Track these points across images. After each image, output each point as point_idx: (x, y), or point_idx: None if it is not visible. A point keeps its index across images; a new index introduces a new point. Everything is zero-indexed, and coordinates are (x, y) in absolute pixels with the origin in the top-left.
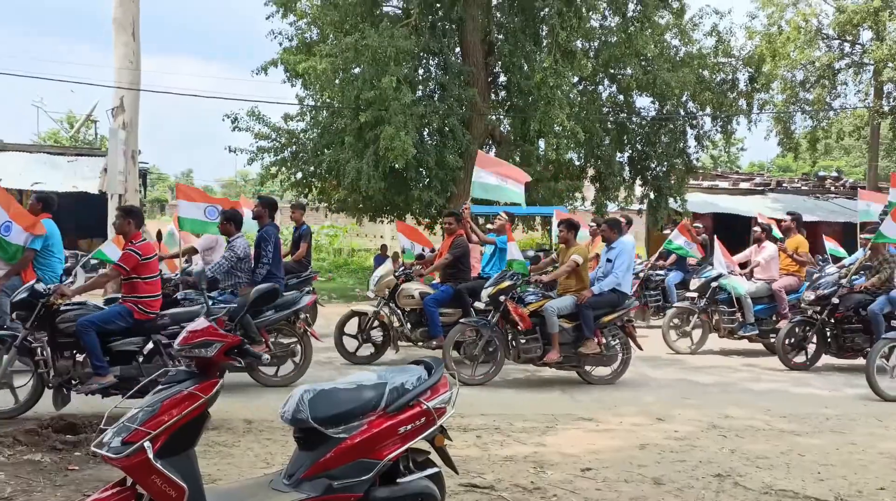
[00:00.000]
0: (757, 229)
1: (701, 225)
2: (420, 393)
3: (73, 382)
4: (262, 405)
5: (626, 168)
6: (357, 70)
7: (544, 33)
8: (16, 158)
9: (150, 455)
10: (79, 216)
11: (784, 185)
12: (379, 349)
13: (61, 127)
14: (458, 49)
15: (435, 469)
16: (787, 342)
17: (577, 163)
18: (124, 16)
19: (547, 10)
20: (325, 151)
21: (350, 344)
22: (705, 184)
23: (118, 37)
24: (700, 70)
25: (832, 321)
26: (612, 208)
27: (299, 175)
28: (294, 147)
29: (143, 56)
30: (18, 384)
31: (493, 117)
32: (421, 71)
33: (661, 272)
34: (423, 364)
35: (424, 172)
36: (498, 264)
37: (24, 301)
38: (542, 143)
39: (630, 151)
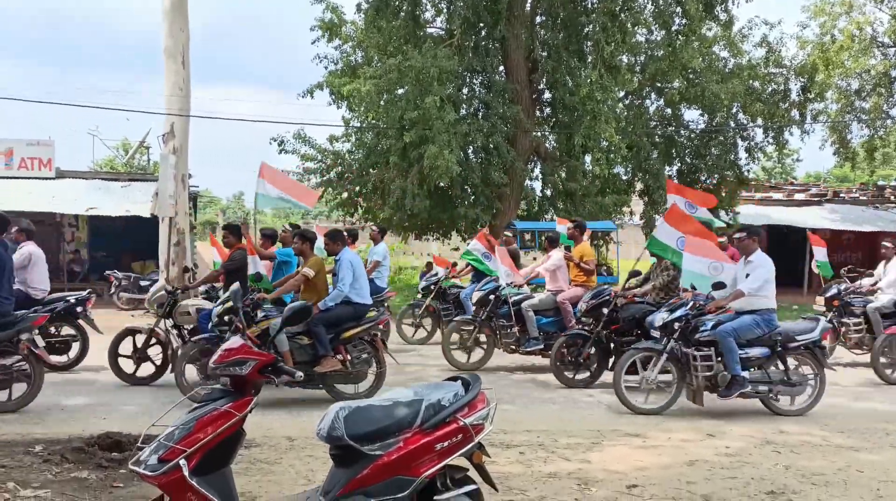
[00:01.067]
0: (544, 237)
1: (510, 233)
2: (457, 410)
3: None
4: (304, 421)
5: (676, 181)
6: (401, 91)
7: (588, 49)
8: (73, 185)
9: (186, 473)
10: (131, 239)
11: (842, 195)
12: (159, 369)
13: (116, 154)
14: (501, 67)
15: (473, 487)
16: (561, 357)
17: (624, 177)
18: (174, 45)
19: (591, 26)
20: (371, 170)
21: (128, 365)
22: (758, 196)
23: (168, 65)
24: (750, 81)
25: (611, 333)
26: (660, 221)
27: (345, 195)
28: (340, 168)
29: (196, 84)
30: None
31: (538, 134)
32: (465, 90)
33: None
34: (460, 380)
35: (469, 190)
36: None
37: None
38: (587, 158)
39: (679, 164)
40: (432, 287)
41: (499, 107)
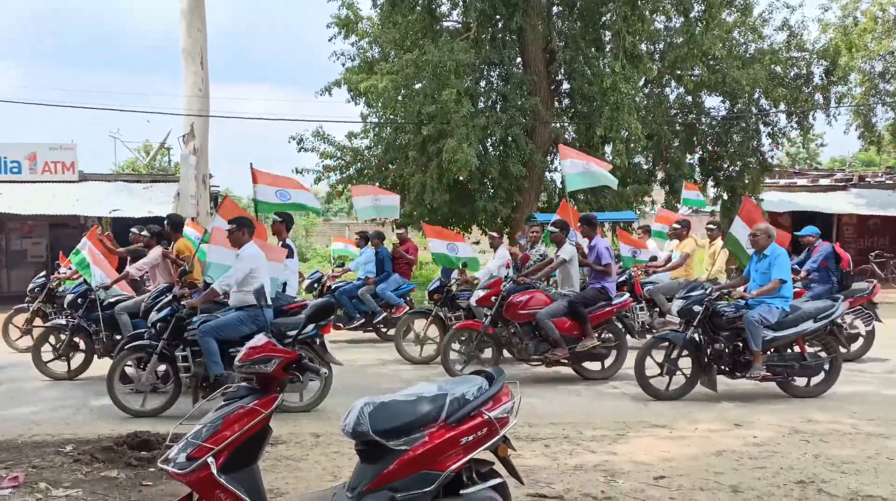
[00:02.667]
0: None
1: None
2: (481, 403)
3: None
4: (329, 418)
5: (697, 169)
6: (418, 86)
7: (607, 38)
8: (96, 187)
9: (214, 471)
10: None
11: (867, 180)
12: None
13: (138, 156)
14: (518, 59)
15: (499, 480)
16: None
17: (644, 167)
18: (193, 46)
19: (610, 15)
20: (390, 166)
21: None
22: (782, 182)
23: (187, 66)
24: (772, 66)
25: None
26: (683, 210)
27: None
28: (359, 164)
29: (214, 84)
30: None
31: (557, 125)
32: (482, 83)
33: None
34: (483, 374)
35: (488, 183)
36: None
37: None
38: (608, 148)
39: (700, 152)
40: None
41: (517, 99)
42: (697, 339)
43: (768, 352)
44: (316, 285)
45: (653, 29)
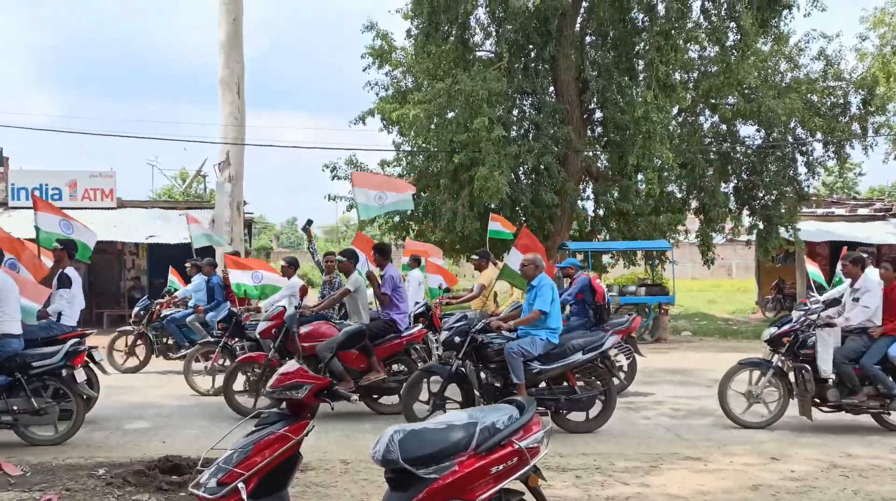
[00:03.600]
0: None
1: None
2: (512, 433)
3: None
4: (359, 444)
5: (732, 198)
6: (451, 115)
7: (640, 67)
8: (133, 214)
9: (244, 496)
10: None
11: None
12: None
13: (174, 183)
14: (551, 88)
15: None
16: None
17: (678, 195)
18: (230, 76)
19: (643, 44)
20: (422, 194)
21: None
22: (820, 211)
23: (224, 96)
24: (808, 95)
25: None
26: (718, 239)
27: (397, 219)
28: None
29: (251, 113)
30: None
31: (590, 154)
32: (515, 111)
33: None
34: (514, 403)
35: (520, 211)
36: None
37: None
38: (640, 177)
39: (735, 181)
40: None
41: (549, 127)
42: (465, 371)
43: (540, 385)
44: (143, 312)
45: (687, 58)
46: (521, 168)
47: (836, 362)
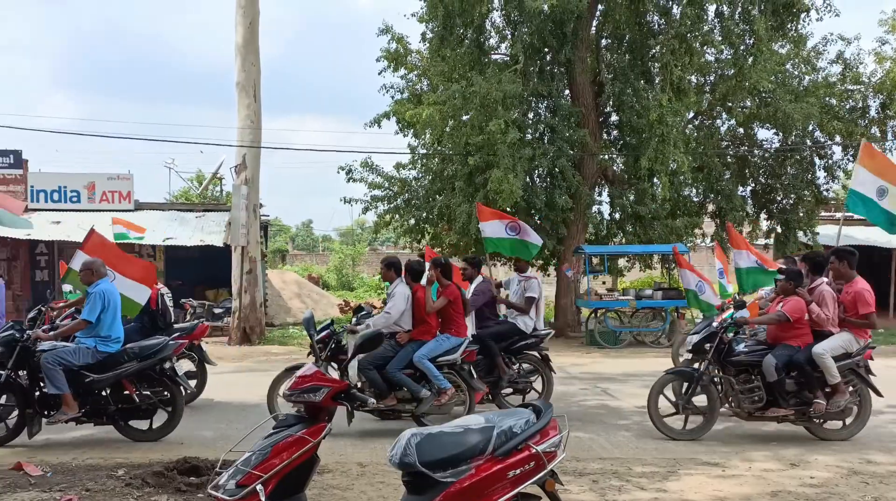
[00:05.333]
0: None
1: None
2: (529, 437)
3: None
4: (375, 447)
5: (749, 202)
6: (465, 117)
7: (656, 70)
8: (150, 216)
9: (263, 498)
10: (205, 268)
11: None
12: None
13: (191, 185)
14: (566, 91)
15: None
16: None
17: (695, 199)
18: (246, 80)
19: (659, 48)
20: (437, 197)
21: None
22: (838, 215)
23: (241, 99)
24: (826, 99)
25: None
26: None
27: (412, 222)
28: (407, 194)
29: (266, 116)
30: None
31: (605, 157)
32: (530, 114)
33: None
34: (531, 407)
35: (535, 215)
36: None
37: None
38: (656, 180)
39: (753, 185)
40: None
41: (564, 130)
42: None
43: (101, 393)
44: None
45: (702, 61)
46: (536, 171)
47: (361, 366)
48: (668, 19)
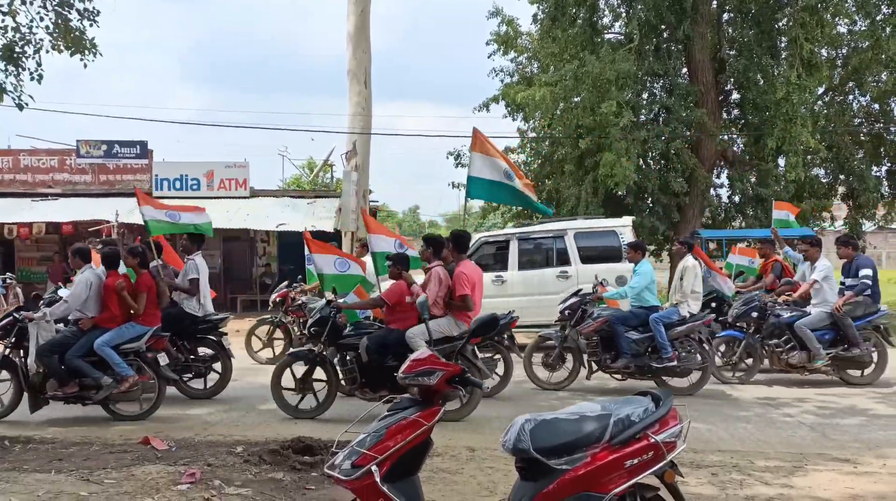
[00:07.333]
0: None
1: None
2: (647, 426)
3: None
4: (484, 432)
5: (885, 183)
6: (577, 99)
7: (783, 45)
8: (264, 203)
9: (378, 479)
10: None
11: None
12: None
13: (302, 173)
14: (684, 69)
15: None
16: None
17: (823, 180)
18: (358, 67)
19: (786, 20)
20: (546, 181)
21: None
22: None
23: (352, 86)
24: None
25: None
26: (868, 227)
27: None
28: None
29: (376, 103)
30: None
31: (725, 137)
32: (645, 95)
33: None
34: (650, 395)
35: (647, 197)
36: None
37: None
38: (781, 161)
39: (889, 164)
40: None
41: (681, 110)
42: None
43: None
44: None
45: (834, 33)
46: (650, 153)
47: (40, 352)
48: None
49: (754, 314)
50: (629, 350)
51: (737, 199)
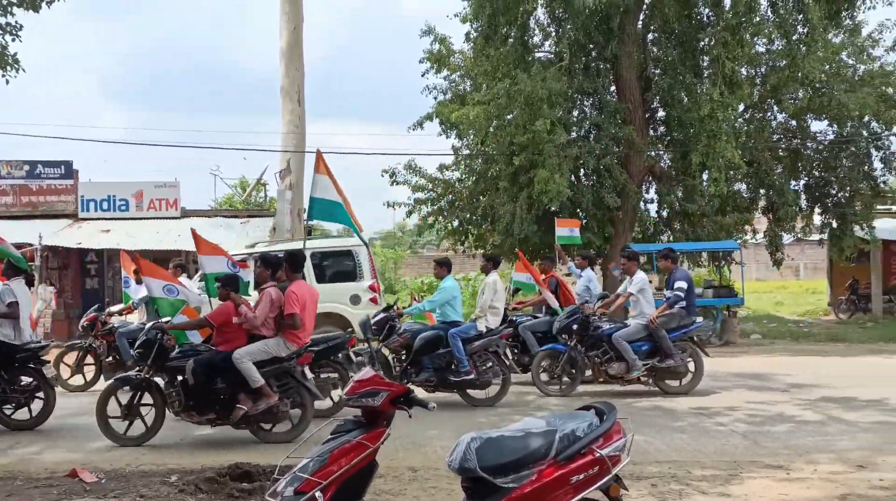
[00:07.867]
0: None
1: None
2: (592, 441)
3: None
4: (426, 451)
5: (803, 196)
6: (510, 116)
7: (705, 64)
8: (196, 223)
9: None
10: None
11: None
12: None
13: (235, 192)
14: (612, 87)
15: None
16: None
17: (745, 195)
18: (290, 85)
19: (709, 40)
20: (481, 198)
21: None
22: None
23: (285, 104)
24: (883, 88)
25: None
26: (786, 239)
27: (456, 223)
28: (450, 196)
29: (311, 121)
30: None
31: (652, 153)
32: (575, 112)
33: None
34: (593, 409)
35: (581, 213)
36: None
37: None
38: (705, 176)
39: (806, 179)
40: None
41: (610, 128)
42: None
43: None
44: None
45: (753, 52)
46: (582, 169)
47: None
48: (718, 11)
49: (576, 327)
50: (430, 364)
51: (665, 214)
